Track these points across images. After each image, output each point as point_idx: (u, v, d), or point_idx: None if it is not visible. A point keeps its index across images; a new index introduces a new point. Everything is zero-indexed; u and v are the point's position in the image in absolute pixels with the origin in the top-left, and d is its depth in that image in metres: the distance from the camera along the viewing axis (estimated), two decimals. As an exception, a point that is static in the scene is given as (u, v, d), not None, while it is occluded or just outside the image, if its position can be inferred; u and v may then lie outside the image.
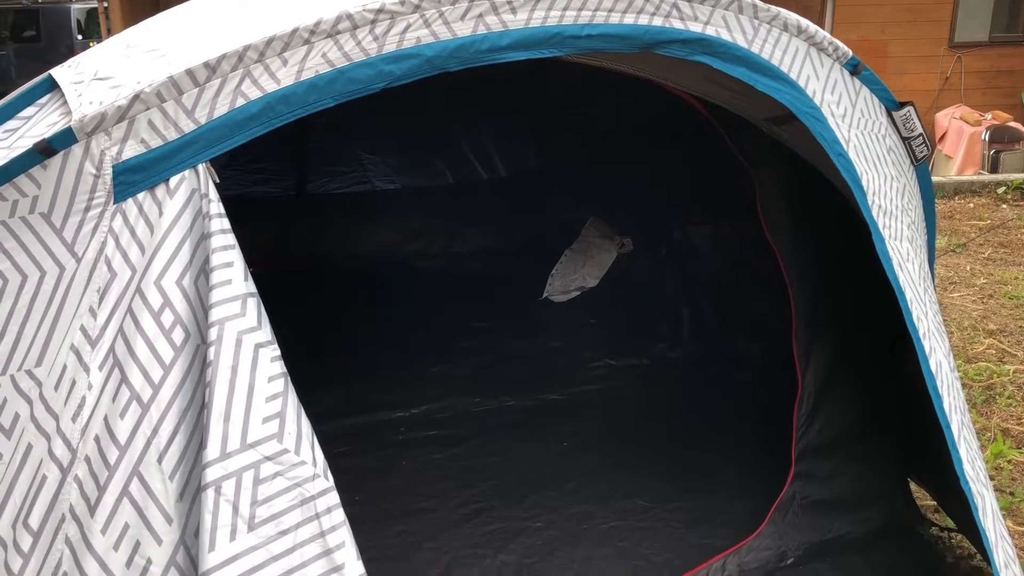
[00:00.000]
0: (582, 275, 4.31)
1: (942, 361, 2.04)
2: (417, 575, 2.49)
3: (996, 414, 3.37)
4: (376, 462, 3.05)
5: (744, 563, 2.43)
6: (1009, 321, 4.27)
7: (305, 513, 1.38)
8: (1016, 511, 2.82)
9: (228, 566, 1.31)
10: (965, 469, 1.96)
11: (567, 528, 2.70)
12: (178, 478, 1.37)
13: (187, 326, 1.40)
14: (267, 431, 1.38)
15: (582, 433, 3.24)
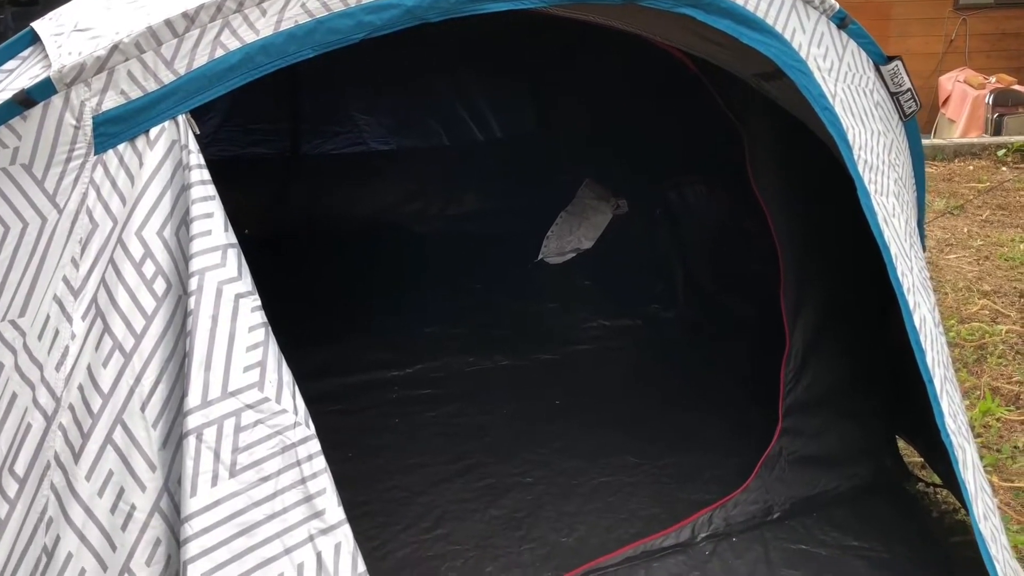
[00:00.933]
0: (578, 237, 4.31)
1: (926, 316, 2.05)
2: (408, 528, 2.52)
3: (986, 373, 3.38)
4: (370, 420, 3.08)
5: (730, 517, 2.46)
6: (1003, 282, 4.27)
7: (286, 460, 1.40)
8: (1003, 468, 2.84)
9: (210, 511, 1.33)
10: (947, 422, 1.98)
11: (557, 484, 2.73)
12: (161, 426, 1.39)
13: (169, 277, 1.41)
14: (248, 380, 1.40)
15: (574, 392, 3.26)
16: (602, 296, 3.99)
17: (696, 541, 2.42)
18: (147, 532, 1.37)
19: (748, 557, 2.38)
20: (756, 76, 2.29)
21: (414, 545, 2.46)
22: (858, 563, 2.37)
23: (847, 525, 2.50)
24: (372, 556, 2.41)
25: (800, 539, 2.45)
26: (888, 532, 2.48)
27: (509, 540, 2.49)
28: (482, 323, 3.75)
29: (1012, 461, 2.86)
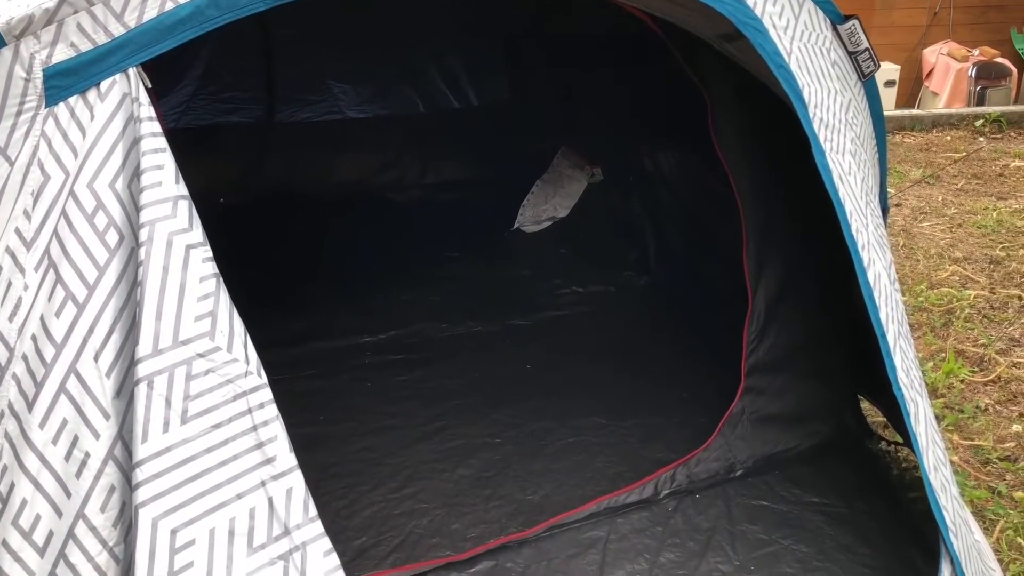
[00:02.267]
0: (553, 205, 4.33)
1: (881, 273, 2.08)
2: (377, 488, 2.55)
3: (952, 336, 3.43)
4: (342, 384, 3.10)
5: (693, 474, 2.50)
6: (975, 249, 4.31)
7: (237, 408, 1.42)
8: (963, 427, 2.89)
9: (161, 457, 1.36)
10: (899, 376, 2.01)
11: (525, 444, 2.76)
12: (115, 376, 1.41)
13: (121, 228, 1.43)
14: (199, 329, 1.42)
15: (545, 356, 3.29)
16: (576, 263, 4.01)
17: (659, 497, 2.46)
18: (101, 479, 1.39)
19: (710, 513, 2.43)
20: (719, 37, 2.30)
21: (382, 504, 2.49)
22: (817, 518, 2.42)
23: (808, 482, 2.55)
24: (340, 515, 2.45)
25: (761, 495, 2.49)
26: (848, 488, 2.52)
27: (476, 498, 2.52)
28: (456, 290, 3.77)
29: (973, 420, 2.91)
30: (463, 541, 2.35)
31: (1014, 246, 4.33)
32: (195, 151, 4.07)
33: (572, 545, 2.32)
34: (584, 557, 2.28)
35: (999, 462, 2.70)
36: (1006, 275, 3.99)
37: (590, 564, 2.26)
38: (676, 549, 2.30)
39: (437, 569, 2.24)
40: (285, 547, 1.40)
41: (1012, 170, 5.57)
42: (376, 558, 2.29)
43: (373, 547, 2.33)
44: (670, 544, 2.31)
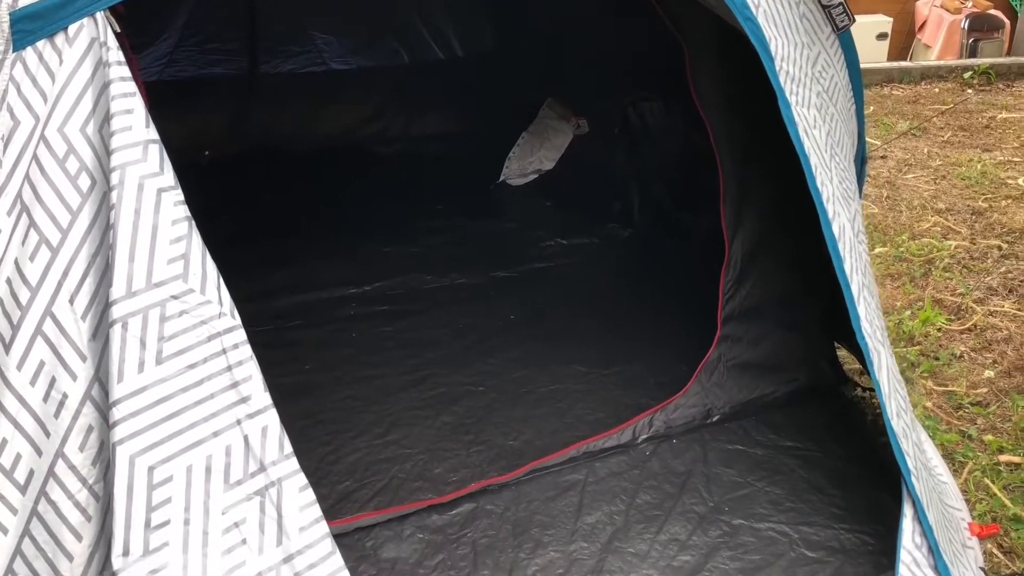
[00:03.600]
0: (539, 158, 4.33)
1: (845, 225, 2.10)
2: (361, 435, 2.59)
3: (931, 286, 3.47)
4: (327, 334, 3.13)
5: (671, 420, 2.55)
6: (957, 200, 4.33)
7: (212, 349, 1.45)
8: (938, 373, 2.94)
9: (137, 396, 1.38)
10: (863, 326, 2.05)
11: (507, 392, 2.80)
12: (90, 318, 1.43)
13: (93, 173, 1.44)
14: (172, 271, 1.44)
15: (529, 307, 3.32)
16: (561, 216, 4.02)
17: (637, 442, 2.51)
18: (80, 419, 1.42)
19: (686, 457, 2.48)
20: (696, -14, 2.29)
21: (365, 450, 2.54)
22: (791, 461, 2.47)
23: (783, 427, 2.60)
24: (325, 460, 2.50)
25: (737, 440, 2.54)
26: (822, 433, 2.58)
27: (458, 444, 2.57)
28: (441, 243, 3.78)
29: (948, 367, 2.96)
30: (445, 485, 2.40)
31: (996, 197, 4.35)
32: (179, 104, 4.07)
33: (551, 488, 2.37)
34: (563, 499, 2.33)
35: (971, 407, 2.75)
36: (987, 226, 4.02)
37: (568, 506, 2.31)
38: (652, 491, 2.35)
39: (419, 511, 2.29)
40: (261, 483, 1.43)
41: (999, 122, 5.58)
42: (360, 501, 2.34)
43: (357, 491, 2.38)
44: (647, 486, 2.37)
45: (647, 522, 2.25)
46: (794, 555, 2.16)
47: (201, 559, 1.36)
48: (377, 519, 2.25)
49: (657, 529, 2.22)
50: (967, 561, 2.10)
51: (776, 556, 2.15)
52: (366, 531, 2.22)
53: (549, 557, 2.14)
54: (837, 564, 2.14)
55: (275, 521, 1.42)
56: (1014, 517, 2.30)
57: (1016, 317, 3.23)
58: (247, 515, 1.41)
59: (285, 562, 1.41)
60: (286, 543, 1.42)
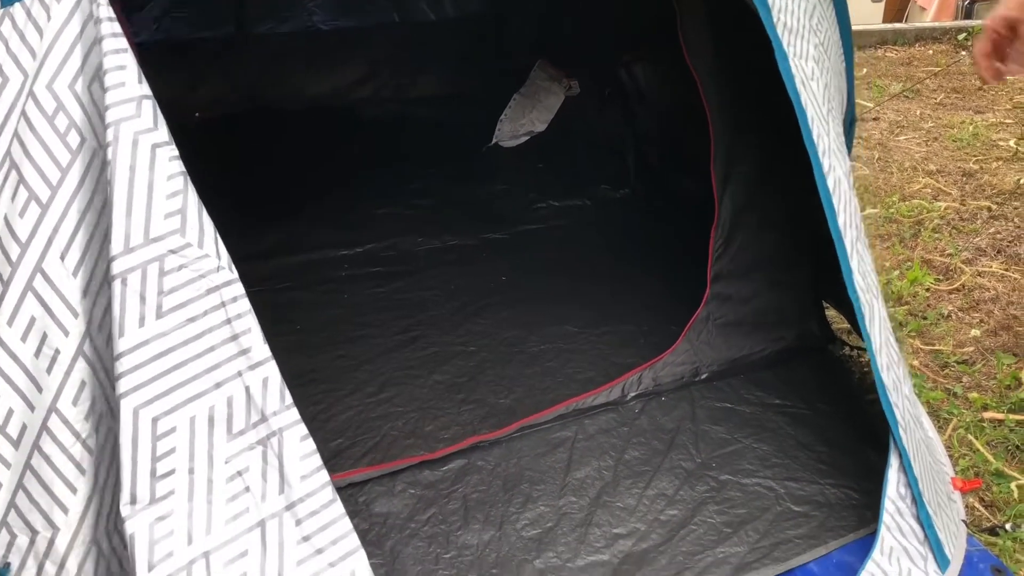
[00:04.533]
0: (531, 120, 4.32)
1: (841, 179, 2.11)
2: (353, 393, 2.62)
3: (920, 247, 3.49)
4: (318, 296, 3.14)
5: (659, 377, 2.58)
6: (949, 162, 4.34)
7: (211, 302, 1.46)
8: (926, 332, 2.97)
9: (139, 350, 1.40)
10: (855, 279, 2.07)
11: (498, 351, 2.82)
12: (82, 275, 1.45)
13: (82, 130, 1.44)
14: (169, 226, 1.45)
15: (521, 268, 3.34)
16: (553, 178, 4.02)
17: (626, 400, 2.54)
18: (72, 375, 1.44)
19: (675, 414, 2.51)
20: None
21: (358, 408, 2.56)
22: (779, 418, 2.50)
23: (771, 385, 2.63)
24: (317, 419, 2.52)
25: (725, 398, 2.58)
26: (810, 391, 2.61)
27: (450, 402, 2.60)
28: (432, 205, 3.78)
29: (935, 327, 2.99)
30: (436, 442, 2.43)
31: (987, 159, 4.36)
32: (168, 66, 4.04)
33: (541, 445, 2.40)
34: (552, 455, 2.36)
35: (957, 365, 2.79)
36: (977, 187, 4.03)
37: (558, 462, 2.34)
38: (641, 447, 2.38)
39: (411, 468, 2.32)
40: (263, 433, 1.45)
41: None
42: (352, 458, 2.37)
43: (349, 448, 2.40)
44: (635, 443, 2.40)
45: (635, 477, 2.28)
46: (780, 509, 2.20)
47: (206, 506, 1.39)
48: (369, 475, 2.28)
49: (645, 484, 2.26)
50: (951, 513, 2.14)
51: (762, 510, 2.19)
52: (358, 487, 2.25)
53: (539, 511, 2.18)
54: (822, 518, 2.18)
55: (277, 470, 1.44)
56: (996, 472, 2.34)
57: (1004, 277, 3.26)
58: (250, 464, 1.43)
59: (287, 509, 1.43)
60: (288, 491, 1.44)
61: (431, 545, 2.09)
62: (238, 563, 1.37)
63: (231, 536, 1.37)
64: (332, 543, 1.44)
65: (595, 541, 2.10)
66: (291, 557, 1.40)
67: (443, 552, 2.07)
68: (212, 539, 1.36)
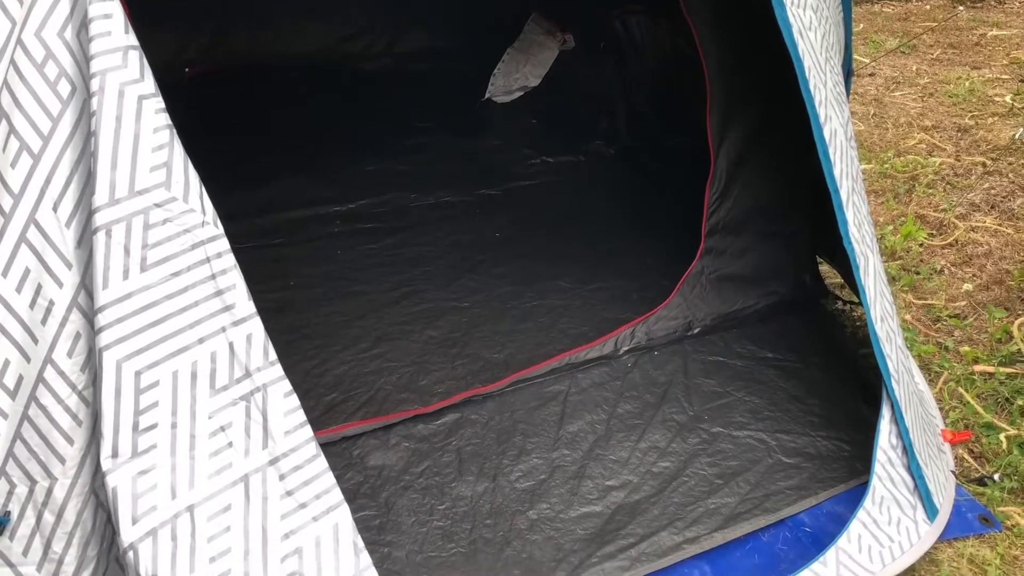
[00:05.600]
0: (524, 74, 4.28)
1: (837, 130, 2.10)
2: (347, 349, 2.62)
3: (914, 202, 3.49)
4: (312, 252, 3.13)
5: (652, 331, 2.59)
6: (944, 118, 4.33)
7: (195, 257, 1.46)
8: (918, 287, 2.98)
9: (122, 303, 1.39)
10: (850, 230, 2.07)
11: (492, 307, 2.83)
12: (75, 226, 1.43)
13: (73, 79, 1.42)
14: (155, 179, 1.44)
15: (515, 224, 3.33)
16: (547, 133, 4.00)
17: (619, 354, 2.55)
18: (67, 326, 1.43)
19: (667, 368, 2.52)
20: None
21: (352, 363, 2.57)
22: (771, 372, 2.52)
23: (764, 339, 2.64)
24: (311, 374, 2.53)
25: (718, 352, 2.59)
26: (802, 344, 2.62)
27: (443, 357, 2.60)
28: (426, 161, 3.76)
29: (928, 281, 2.99)
30: (430, 396, 2.44)
31: (983, 115, 4.35)
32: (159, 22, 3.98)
33: (534, 398, 2.42)
34: (545, 409, 2.38)
35: (949, 319, 2.80)
36: (972, 143, 4.02)
37: (551, 415, 2.36)
38: (633, 401, 2.40)
39: (405, 421, 2.34)
40: (247, 388, 1.46)
41: (988, 39, 5.53)
42: (346, 412, 2.38)
43: (343, 402, 2.42)
44: (628, 396, 2.42)
45: (628, 430, 2.30)
46: (771, 461, 2.22)
47: (189, 461, 1.39)
48: (363, 428, 2.30)
49: (638, 437, 2.28)
50: (940, 464, 2.16)
51: (753, 462, 2.21)
52: (352, 440, 2.27)
53: (532, 463, 2.20)
54: (813, 469, 2.21)
55: (260, 425, 1.45)
56: (986, 424, 2.37)
57: (997, 232, 3.26)
58: (233, 419, 1.44)
59: (271, 464, 1.44)
60: (271, 446, 1.45)
61: (425, 497, 2.11)
62: (222, 517, 1.38)
63: (215, 490, 1.38)
64: (316, 497, 1.45)
65: (588, 493, 2.12)
66: (275, 511, 1.41)
67: (437, 503, 2.09)
68: (196, 493, 1.37)
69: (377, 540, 2.00)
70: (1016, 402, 2.42)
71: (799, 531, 2.05)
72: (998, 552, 2.00)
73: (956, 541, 2.04)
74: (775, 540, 2.04)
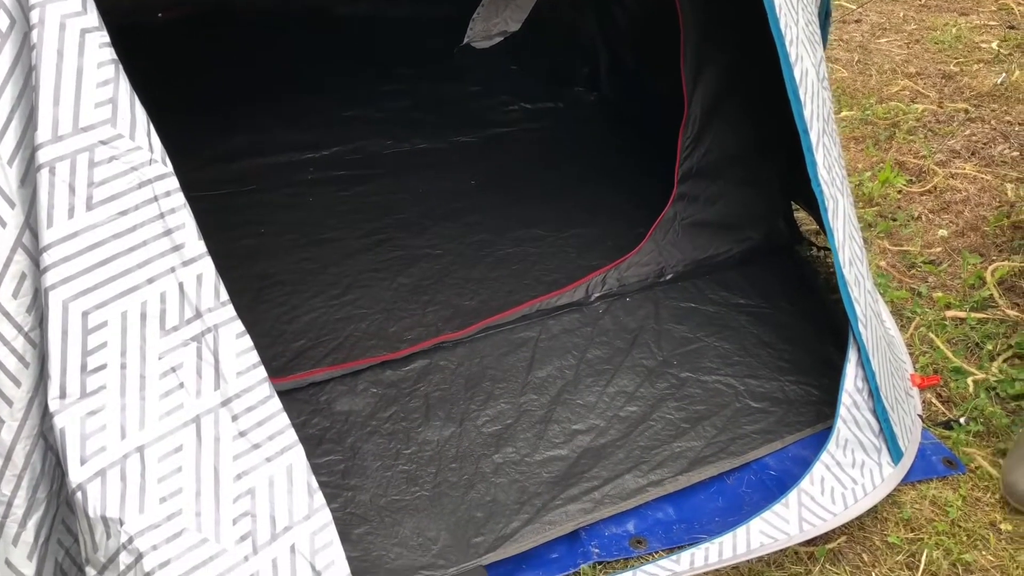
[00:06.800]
0: (504, 19, 4.20)
1: (809, 70, 2.07)
2: (317, 295, 2.60)
3: (894, 148, 3.45)
4: (283, 198, 3.09)
5: (624, 277, 2.57)
6: (929, 64, 4.27)
7: (143, 195, 1.42)
8: (895, 234, 2.96)
9: (68, 242, 1.36)
10: (820, 172, 2.04)
11: (465, 255, 2.80)
12: (17, 164, 1.39)
13: (11, 11, 1.37)
14: (100, 116, 1.40)
15: (491, 172, 3.29)
16: (526, 80, 3.93)
17: (590, 300, 2.54)
18: (12, 266, 1.40)
19: (638, 314, 2.51)
20: None
21: (321, 310, 2.55)
22: (742, 317, 2.51)
23: (736, 285, 2.63)
24: (280, 320, 2.51)
25: (690, 298, 2.57)
26: (775, 291, 2.61)
27: (414, 304, 2.59)
28: (402, 107, 3.70)
29: (904, 228, 2.98)
30: (399, 343, 2.43)
31: (968, 61, 4.29)
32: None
33: (504, 344, 2.41)
34: (515, 355, 2.37)
35: (924, 266, 2.79)
36: (956, 89, 3.98)
37: (520, 361, 2.35)
38: (603, 347, 2.39)
39: (373, 367, 2.33)
40: (197, 329, 1.44)
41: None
42: (314, 359, 2.37)
43: (311, 349, 2.40)
44: (598, 342, 2.41)
45: (596, 376, 2.30)
46: (739, 405, 2.22)
47: (139, 402, 1.38)
48: (331, 375, 2.29)
49: (606, 382, 2.27)
50: (907, 408, 2.17)
51: (720, 406, 2.21)
52: (319, 386, 2.26)
53: (499, 408, 2.20)
54: (780, 413, 2.21)
55: (212, 366, 1.43)
56: (955, 369, 2.37)
57: (976, 179, 3.24)
58: (184, 360, 1.42)
59: (223, 405, 1.43)
60: (224, 387, 1.43)
61: (391, 441, 2.11)
62: (173, 458, 1.36)
63: (165, 431, 1.37)
64: (269, 438, 1.44)
65: (554, 437, 2.12)
66: (227, 452, 1.40)
67: (403, 448, 2.09)
68: (146, 434, 1.35)
69: (341, 484, 2.00)
70: (986, 347, 2.42)
71: (764, 474, 2.06)
72: (960, 494, 2.01)
73: (920, 483, 2.05)
74: (740, 483, 2.04)
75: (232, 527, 1.39)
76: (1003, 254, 2.81)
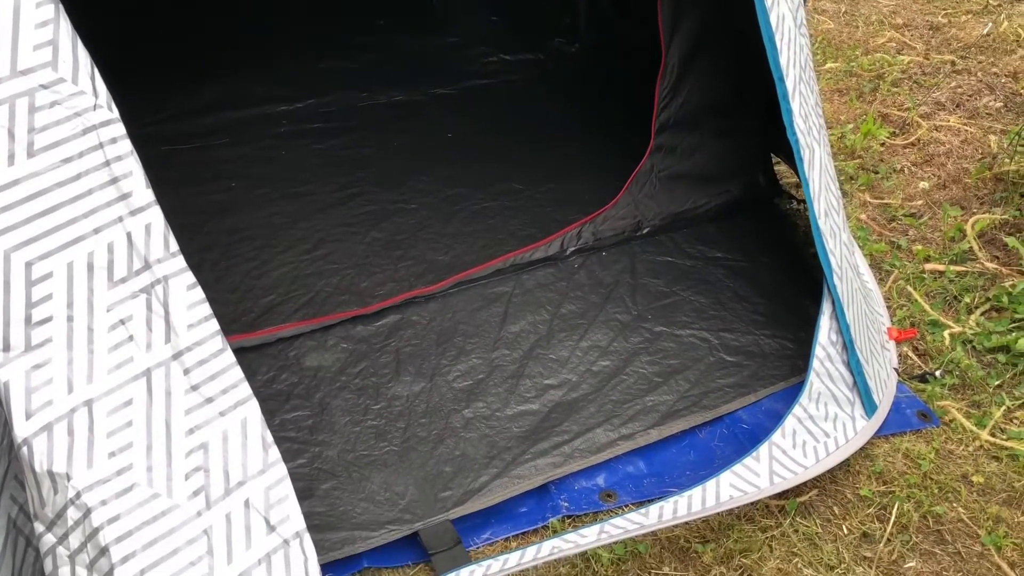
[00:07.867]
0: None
1: (785, 15, 2.01)
2: (288, 250, 2.57)
3: (878, 101, 3.40)
4: (255, 151, 3.03)
5: (599, 231, 2.53)
6: (917, 15, 4.20)
7: (88, 143, 1.37)
8: (876, 186, 2.92)
9: (9, 189, 1.31)
10: (795, 121, 2.00)
11: (440, 209, 2.76)
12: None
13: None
14: (40, 59, 1.34)
15: (468, 125, 3.23)
16: (505, 31, 3.84)
17: (565, 254, 2.50)
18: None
19: (614, 268, 2.48)
20: None
21: (292, 265, 2.51)
22: (718, 271, 2.48)
23: (713, 239, 2.59)
24: (250, 275, 2.48)
25: (667, 252, 2.54)
26: (753, 245, 2.58)
27: (387, 259, 2.55)
28: (378, 59, 3.62)
29: (886, 180, 2.94)
30: (371, 298, 2.39)
31: (957, 12, 4.22)
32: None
33: (477, 299, 2.37)
34: (488, 310, 2.34)
35: (904, 219, 2.75)
36: (943, 41, 3.91)
37: (493, 316, 2.32)
38: (578, 301, 2.36)
39: (343, 323, 2.29)
40: (147, 280, 1.39)
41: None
42: (284, 314, 2.34)
43: (281, 304, 2.37)
44: (572, 297, 2.37)
45: (570, 330, 2.27)
46: (712, 359, 2.20)
47: (87, 355, 1.34)
48: (301, 330, 2.26)
49: (579, 337, 2.24)
50: (883, 361, 2.15)
51: (694, 360, 2.19)
52: (289, 341, 2.23)
53: (471, 363, 2.17)
54: (754, 367, 2.19)
55: (162, 318, 1.39)
56: (932, 322, 2.34)
57: (960, 131, 3.19)
58: (133, 312, 1.38)
59: (174, 358, 1.39)
60: (175, 339, 1.39)
61: (361, 397, 2.08)
62: (123, 412, 1.33)
63: (115, 385, 1.33)
64: (222, 392, 1.40)
65: (525, 392, 2.09)
66: (179, 406, 1.37)
67: (372, 403, 2.06)
68: (94, 388, 1.32)
69: (309, 440, 1.98)
70: (963, 300, 2.40)
71: (736, 428, 2.04)
72: (933, 447, 2.00)
73: (893, 436, 2.03)
74: (712, 437, 2.03)
75: (184, 482, 1.36)
76: (984, 206, 2.77)
